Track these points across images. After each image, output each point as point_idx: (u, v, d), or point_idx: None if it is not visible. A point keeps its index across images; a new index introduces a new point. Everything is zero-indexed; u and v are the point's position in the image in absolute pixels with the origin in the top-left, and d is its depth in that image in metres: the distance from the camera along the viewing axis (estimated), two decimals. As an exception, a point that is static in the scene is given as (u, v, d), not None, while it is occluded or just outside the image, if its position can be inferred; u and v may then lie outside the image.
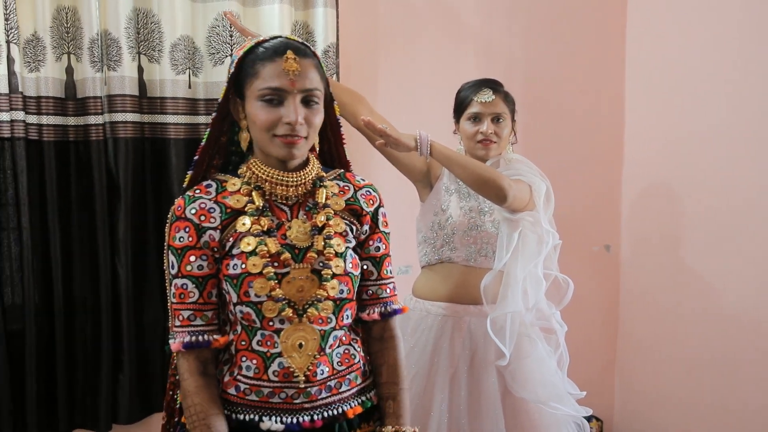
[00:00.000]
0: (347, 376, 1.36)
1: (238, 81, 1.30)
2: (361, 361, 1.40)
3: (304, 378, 1.29)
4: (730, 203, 2.52)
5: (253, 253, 1.27)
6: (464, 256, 2.08)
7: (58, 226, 2.17)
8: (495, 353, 2.02)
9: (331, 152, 1.47)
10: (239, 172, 1.36)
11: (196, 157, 1.37)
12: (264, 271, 1.26)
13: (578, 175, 2.96)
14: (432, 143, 1.88)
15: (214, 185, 1.34)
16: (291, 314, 1.27)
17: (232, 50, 2.33)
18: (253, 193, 1.32)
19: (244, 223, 1.30)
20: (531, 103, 2.78)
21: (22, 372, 2.14)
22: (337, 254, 1.31)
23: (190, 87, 2.32)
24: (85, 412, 2.29)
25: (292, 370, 1.28)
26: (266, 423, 1.29)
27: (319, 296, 1.29)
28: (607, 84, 3.02)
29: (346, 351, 1.36)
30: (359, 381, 1.38)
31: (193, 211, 1.30)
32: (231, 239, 1.30)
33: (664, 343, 2.84)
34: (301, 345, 1.29)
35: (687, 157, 2.70)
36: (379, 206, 1.43)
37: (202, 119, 2.33)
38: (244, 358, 1.31)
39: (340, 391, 1.34)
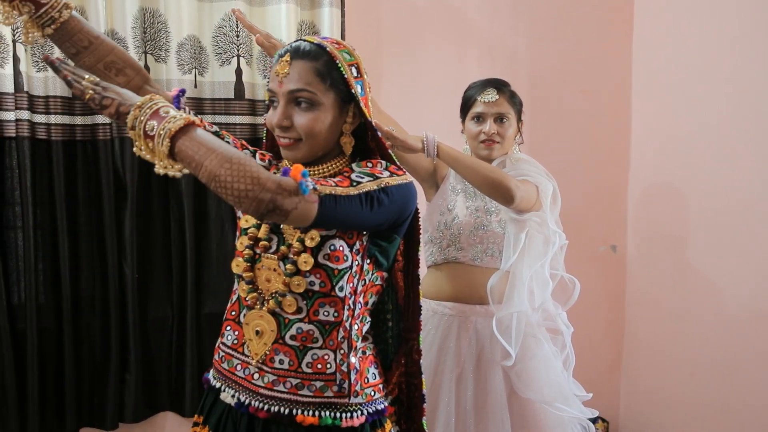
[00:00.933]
0: (313, 382, 1.29)
1: None
2: (338, 375, 1.29)
3: (255, 364, 1.31)
4: (736, 203, 2.52)
5: (245, 231, 1.35)
6: (470, 256, 2.07)
7: (66, 225, 2.18)
8: (501, 353, 2.02)
9: (384, 157, 1.39)
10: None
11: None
12: (243, 252, 1.33)
13: (584, 175, 2.95)
14: (439, 144, 1.88)
15: (276, 162, 1.43)
16: (255, 300, 1.31)
17: (238, 50, 2.34)
18: None
19: None
20: (535, 102, 2.77)
21: (31, 370, 2.15)
22: (308, 249, 1.26)
23: (196, 86, 2.32)
24: (92, 411, 2.30)
25: (249, 352, 1.32)
26: (224, 394, 1.35)
27: (280, 291, 1.28)
28: (613, 83, 3.01)
29: (325, 357, 1.29)
30: (328, 393, 1.29)
31: (263, 154, 1.43)
32: None
33: (671, 344, 2.83)
34: (258, 332, 1.31)
35: (693, 157, 2.70)
36: (376, 166, 1.32)
37: (208, 119, 2.33)
38: (228, 328, 1.37)
39: (300, 393, 1.29)
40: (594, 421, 2.80)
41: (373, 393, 1.36)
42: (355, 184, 1.22)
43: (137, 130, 1.09)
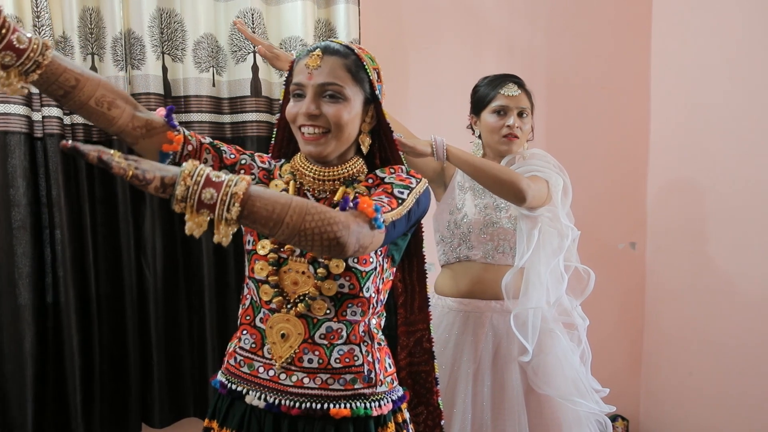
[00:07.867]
0: (344, 376, 1.33)
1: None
2: (366, 367, 1.35)
3: (280, 367, 1.32)
4: (756, 198, 2.48)
5: (266, 236, 1.34)
6: (482, 253, 2.07)
7: (89, 225, 2.19)
8: (518, 349, 2.02)
9: (388, 158, 1.44)
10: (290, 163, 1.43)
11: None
12: (268, 255, 1.33)
13: (602, 172, 2.93)
14: (448, 147, 1.88)
15: (281, 162, 1.45)
16: (281, 303, 1.32)
17: (254, 48, 2.34)
18: (290, 183, 1.38)
19: None
20: (554, 99, 2.75)
21: (55, 373, 2.15)
22: None
23: (214, 85, 2.33)
24: (118, 415, 2.27)
25: (271, 355, 1.34)
26: (250, 397, 1.35)
27: (310, 294, 1.30)
28: (632, 78, 2.98)
29: (350, 351, 1.34)
30: (357, 385, 1.34)
31: (260, 155, 1.44)
32: None
33: (692, 341, 2.80)
34: (283, 335, 1.32)
35: (712, 153, 2.66)
36: (399, 172, 1.36)
37: (226, 118, 2.35)
38: (245, 332, 1.39)
39: (331, 387, 1.33)
40: (614, 419, 2.78)
41: (392, 381, 1.41)
42: (401, 201, 1.27)
43: (190, 201, 1.00)
